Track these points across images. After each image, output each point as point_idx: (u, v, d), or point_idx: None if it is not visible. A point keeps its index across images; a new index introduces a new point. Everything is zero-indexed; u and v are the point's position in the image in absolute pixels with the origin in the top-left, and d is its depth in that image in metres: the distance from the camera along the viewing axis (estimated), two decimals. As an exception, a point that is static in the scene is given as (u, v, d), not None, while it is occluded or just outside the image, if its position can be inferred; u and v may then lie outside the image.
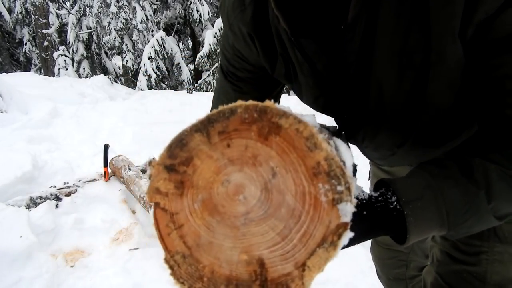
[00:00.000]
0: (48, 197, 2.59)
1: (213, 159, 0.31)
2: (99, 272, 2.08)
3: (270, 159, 0.30)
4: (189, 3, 11.34)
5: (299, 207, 0.29)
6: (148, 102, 6.14)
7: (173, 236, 0.31)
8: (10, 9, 13.80)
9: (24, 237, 2.05)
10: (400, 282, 1.27)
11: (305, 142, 0.29)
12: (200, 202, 0.31)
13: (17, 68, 15.17)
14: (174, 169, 0.31)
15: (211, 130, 0.30)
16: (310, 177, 0.29)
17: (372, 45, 0.57)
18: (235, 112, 0.30)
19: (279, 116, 0.29)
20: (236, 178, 0.30)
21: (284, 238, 0.30)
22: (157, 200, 0.32)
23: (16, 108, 4.98)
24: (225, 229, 0.30)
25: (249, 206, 0.30)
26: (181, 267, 0.32)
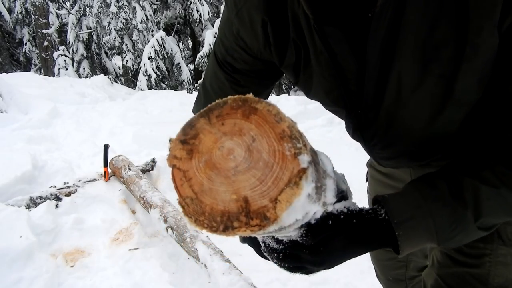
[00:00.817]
0: (48, 197, 2.59)
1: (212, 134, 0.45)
2: (99, 272, 2.08)
3: (251, 130, 0.44)
4: (189, 3, 11.35)
5: (271, 160, 0.42)
6: (148, 102, 6.14)
7: (185, 186, 0.44)
8: (10, 9, 13.80)
9: (24, 237, 2.05)
10: (400, 282, 1.27)
11: (274, 117, 0.43)
12: (203, 162, 0.44)
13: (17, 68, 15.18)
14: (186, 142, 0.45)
15: (211, 115, 0.45)
16: (278, 139, 0.42)
17: (396, 36, 0.55)
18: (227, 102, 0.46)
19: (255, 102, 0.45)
20: (228, 144, 0.44)
21: (261, 182, 0.42)
22: (174, 163, 0.45)
23: (16, 108, 4.98)
24: (220, 179, 0.43)
25: (237, 162, 0.43)
26: (190, 207, 0.44)
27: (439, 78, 0.55)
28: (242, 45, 0.75)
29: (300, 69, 0.71)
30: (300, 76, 0.72)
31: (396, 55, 0.56)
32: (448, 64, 0.53)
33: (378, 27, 0.54)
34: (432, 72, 0.55)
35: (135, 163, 3.06)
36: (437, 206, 0.56)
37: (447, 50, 0.52)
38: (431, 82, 0.56)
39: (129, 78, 12.40)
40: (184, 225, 2.16)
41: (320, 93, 0.73)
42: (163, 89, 10.15)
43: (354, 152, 3.45)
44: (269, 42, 0.70)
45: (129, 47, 11.54)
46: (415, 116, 0.63)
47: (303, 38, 0.65)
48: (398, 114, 0.64)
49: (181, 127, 0.47)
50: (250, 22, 0.69)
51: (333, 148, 3.72)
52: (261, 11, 0.67)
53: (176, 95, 6.90)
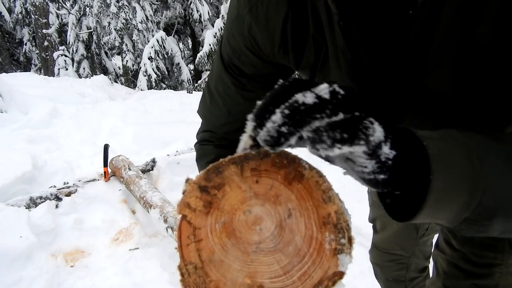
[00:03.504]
0: (48, 197, 2.59)
1: (241, 190, 0.36)
2: (99, 272, 2.08)
3: (289, 201, 0.35)
4: (189, 3, 11.34)
5: (305, 248, 0.34)
6: (148, 102, 6.14)
7: (191, 247, 0.36)
8: (10, 9, 13.80)
9: (24, 237, 2.05)
10: (400, 283, 1.27)
11: (321, 194, 0.35)
12: (221, 224, 0.36)
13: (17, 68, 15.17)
14: (207, 190, 0.36)
15: (245, 165, 0.36)
16: (319, 225, 0.34)
17: (432, 37, 0.48)
18: (269, 156, 0.36)
19: (305, 167, 0.36)
20: (257, 210, 0.35)
21: (286, 272, 0.34)
22: (185, 213, 0.37)
23: (16, 108, 4.98)
24: (237, 252, 0.35)
25: (263, 237, 0.35)
26: (191, 277, 0.35)
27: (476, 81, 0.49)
28: (252, 47, 0.68)
29: (316, 69, 0.64)
30: (316, 75, 0.66)
31: (430, 56, 0.50)
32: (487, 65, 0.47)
33: (413, 26, 0.48)
34: (469, 74, 0.49)
35: (135, 163, 3.06)
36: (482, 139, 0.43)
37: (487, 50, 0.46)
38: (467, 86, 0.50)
39: (129, 78, 12.40)
40: (184, 225, 2.16)
41: None
42: (163, 89, 10.14)
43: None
44: (286, 41, 0.63)
45: (129, 47, 11.54)
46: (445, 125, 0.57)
47: (323, 34, 0.58)
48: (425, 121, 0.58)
49: (205, 169, 0.37)
50: (266, 20, 0.62)
51: (333, 148, 3.71)
52: (285, 4, 0.59)
53: (176, 95, 6.90)
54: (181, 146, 3.54)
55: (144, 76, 10.28)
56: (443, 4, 0.45)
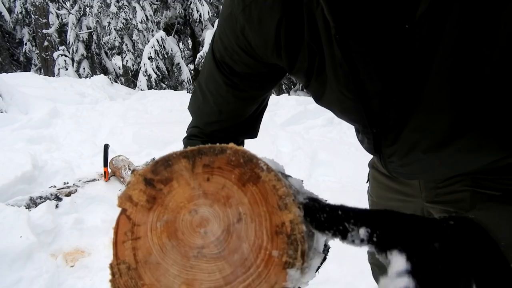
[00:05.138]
0: (48, 197, 2.59)
1: (190, 187, 0.33)
2: (99, 272, 2.08)
3: (241, 204, 0.32)
4: (189, 3, 11.35)
5: (251, 258, 0.30)
6: (148, 102, 6.14)
7: (127, 245, 0.32)
8: (10, 9, 13.80)
9: (24, 237, 2.05)
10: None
11: (277, 200, 0.31)
12: (163, 222, 0.32)
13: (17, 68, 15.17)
14: (152, 184, 0.33)
15: (197, 161, 0.33)
16: (271, 234, 0.30)
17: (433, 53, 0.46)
18: (225, 152, 0.32)
19: (262, 169, 0.32)
20: (204, 211, 0.32)
21: (227, 283, 0.30)
22: (126, 206, 0.34)
23: (16, 108, 4.98)
24: (176, 256, 0.32)
25: (207, 241, 0.31)
26: (122, 278, 0.32)
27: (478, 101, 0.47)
28: (244, 46, 0.66)
29: (312, 75, 0.63)
30: (312, 81, 0.64)
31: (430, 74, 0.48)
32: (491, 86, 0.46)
33: (413, 41, 0.46)
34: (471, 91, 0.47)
35: (135, 163, 3.06)
36: None
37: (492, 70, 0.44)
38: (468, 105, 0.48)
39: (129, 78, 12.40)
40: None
41: (333, 105, 0.66)
42: (163, 89, 10.14)
43: (354, 152, 3.45)
44: (280, 45, 0.61)
45: (129, 47, 11.54)
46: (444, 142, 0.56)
47: (319, 42, 0.57)
48: (423, 138, 0.57)
49: (154, 161, 0.34)
50: (259, 21, 0.60)
51: (333, 148, 3.72)
52: (278, 10, 0.57)
53: (176, 95, 6.90)
54: (181, 146, 3.53)
55: (144, 76, 10.28)
56: (445, 20, 0.44)
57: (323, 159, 3.42)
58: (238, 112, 0.79)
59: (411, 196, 0.87)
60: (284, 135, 4.09)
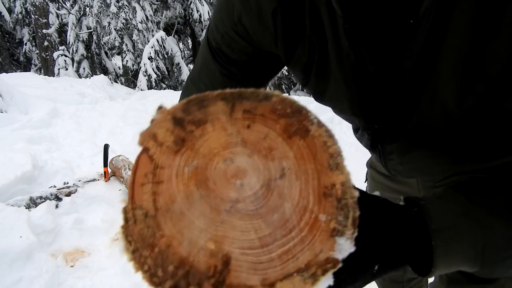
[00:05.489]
0: (48, 197, 2.59)
1: (227, 133, 0.28)
2: (99, 272, 2.08)
3: (285, 159, 0.27)
4: (189, 3, 11.35)
5: (294, 220, 0.26)
6: (148, 102, 6.14)
7: (146, 189, 0.28)
8: (10, 9, 13.80)
9: (24, 237, 2.05)
10: (397, 284, 1.26)
11: (328, 158, 0.27)
12: (192, 168, 0.28)
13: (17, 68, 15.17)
14: (182, 124, 0.28)
15: (237, 104, 0.28)
16: (319, 195, 0.26)
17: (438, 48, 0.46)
18: (270, 99, 0.28)
19: (312, 122, 0.28)
20: (241, 161, 0.27)
21: (264, 245, 0.26)
22: (148, 145, 0.29)
23: (16, 108, 4.98)
24: (205, 208, 0.27)
25: (242, 195, 0.27)
26: (137, 225, 0.27)
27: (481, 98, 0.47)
28: (242, 33, 0.64)
29: (311, 70, 0.61)
30: (311, 77, 0.62)
31: (434, 70, 0.48)
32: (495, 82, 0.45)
33: (417, 36, 0.46)
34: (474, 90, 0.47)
35: (135, 163, 3.06)
36: (488, 216, 0.44)
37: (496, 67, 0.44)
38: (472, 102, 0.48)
39: (129, 78, 12.40)
40: (184, 225, 2.16)
41: (336, 100, 0.63)
42: (163, 89, 10.15)
43: (354, 152, 3.44)
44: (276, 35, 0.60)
45: (129, 47, 11.54)
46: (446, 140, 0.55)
47: (322, 35, 0.55)
48: (425, 135, 0.57)
49: (186, 99, 0.29)
50: (256, 9, 0.58)
51: (333, 148, 3.71)
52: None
53: (176, 95, 6.90)
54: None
55: (144, 76, 10.28)
56: (450, 15, 0.43)
57: (323, 159, 3.41)
58: None
59: None
60: (284, 135, 4.08)
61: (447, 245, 0.42)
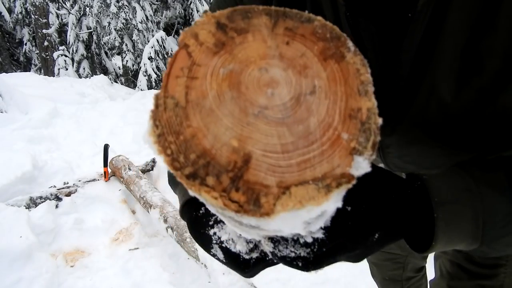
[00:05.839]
0: (48, 197, 2.59)
1: (266, 45, 0.29)
2: (99, 272, 2.09)
3: (318, 78, 0.29)
4: (189, 3, 11.35)
5: (317, 134, 0.27)
6: (148, 102, 6.13)
7: (180, 81, 0.29)
8: (10, 9, 13.80)
9: (24, 237, 2.05)
10: (396, 283, 1.26)
11: (358, 84, 0.29)
12: (227, 70, 0.29)
13: (17, 68, 15.17)
14: (224, 30, 0.30)
15: (280, 21, 0.30)
16: (344, 116, 0.28)
17: (435, 42, 0.47)
18: (312, 22, 0.30)
19: (349, 49, 0.29)
20: (276, 72, 0.29)
21: (285, 151, 0.27)
22: (189, 43, 0.30)
23: (16, 108, 4.98)
24: (234, 108, 0.28)
25: (271, 103, 0.28)
26: (166, 112, 0.28)
27: (478, 92, 0.48)
28: None
29: None
30: None
31: (431, 64, 0.49)
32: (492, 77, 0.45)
33: (415, 30, 0.47)
34: (471, 85, 0.47)
35: (135, 163, 3.06)
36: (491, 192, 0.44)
37: (493, 62, 0.44)
38: (468, 97, 0.48)
39: (129, 78, 12.40)
40: (184, 225, 2.16)
41: None
42: (163, 89, 10.13)
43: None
44: None
45: (129, 47, 11.54)
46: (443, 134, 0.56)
47: None
48: (423, 128, 0.57)
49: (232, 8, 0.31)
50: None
51: (333, 148, 3.71)
52: None
53: (176, 95, 6.89)
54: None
55: (144, 76, 10.28)
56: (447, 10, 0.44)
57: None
58: None
59: None
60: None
61: (449, 218, 0.43)
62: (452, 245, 0.46)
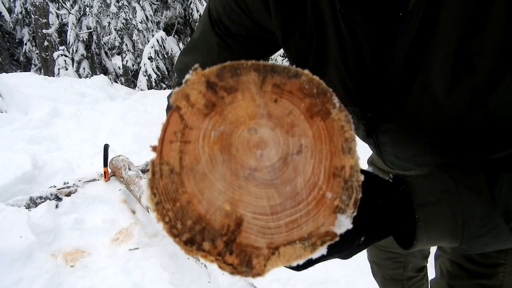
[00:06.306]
0: (48, 197, 2.59)
1: (255, 104, 0.30)
2: (99, 272, 2.08)
3: (305, 136, 0.30)
4: (189, 3, 11.35)
5: (304, 194, 0.29)
6: (148, 102, 6.14)
7: (174, 146, 0.30)
8: (10, 9, 13.80)
9: (24, 237, 2.05)
10: (397, 282, 1.26)
11: (343, 141, 0.30)
12: (218, 133, 0.30)
13: (17, 68, 15.17)
14: (214, 89, 0.30)
15: (269, 77, 0.30)
16: (329, 174, 0.29)
17: (427, 41, 0.48)
18: (299, 77, 0.30)
19: (335, 106, 0.30)
20: (264, 132, 0.30)
21: (273, 213, 0.29)
22: (181, 105, 0.30)
23: (16, 108, 4.98)
24: (226, 171, 0.30)
25: (261, 164, 0.29)
26: (163, 179, 0.29)
27: (470, 92, 0.48)
28: (242, 6, 0.65)
29: (309, 56, 0.62)
30: (308, 64, 0.63)
31: (423, 62, 0.50)
32: (483, 77, 0.46)
33: (407, 29, 0.47)
34: (463, 84, 0.48)
35: (135, 163, 3.06)
36: (469, 194, 0.47)
37: (485, 61, 0.45)
38: (461, 96, 0.49)
39: (129, 78, 12.40)
40: (184, 225, 2.16)
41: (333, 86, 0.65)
42: (163, 89, 10.15)
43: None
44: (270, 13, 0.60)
45: (129, 47, 11.54)
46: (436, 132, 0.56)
47: (321, 20, 0.57)
48: (417, 127, 0.58)
49: (221, 64, 0.31)
50: None
51: (333, 148, 3.71)
52: None
53: (176, 95, 6.89)
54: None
55: (144, 76, 10.27)
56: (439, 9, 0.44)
57: (323, 159, 3.41)
58: None
59: None
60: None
61: (429, 219, 0.46)
62: (434, 243, 0.48)
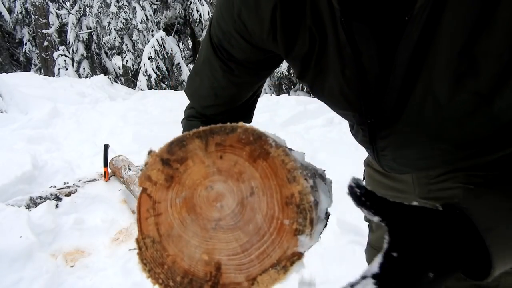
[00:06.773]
0: (48, 197, 2.59)
1: (205, 165, 0.35)
2: (99, 272, 2.08)
3: (253, 179, 0.34)
4: (189, 3, 11.35)
5: (265, 227, 0.33)
6: (148, 102, 6.14)
7: (150, 221, 0.36)
8: (10, 9, 13.80)
9: (24, 237, 2.05)
10: None
11: (286, 173, 0.33)
12: (182, 199, 0.35)
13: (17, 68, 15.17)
14: (169, 164, 0.36)
15: (210, 140, 0.35)
16: (282, 204, 0.33)
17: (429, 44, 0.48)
18: (235, 131, 0.35)
19: (271, 145, 0.34)
20: (219, 187, 0.35)
21: (244, 251, 0.33)
22: (146, 186, 0.36)
23: (16, 108, 4.98)
24: (196, 228, 0.35)
25: (223, 214, 0.34)
26: (148, 250, 0.35)
27: (473, 95, 0.48)
28: (241, 30, 0.66)
29: (311, 62, 0.63)
30: (310, 69, 0.64)
31: (426, 66, 0.49)
32: (487, 80, 0.46)
33: (411, 33, 0.47)
34: (466, 87, 0.48)
35: (135, 163, 3.06)
36: None
37: (489, 65, 0.45)
38: (463, 99, 0.49)
39: (129, 78, 12.40)
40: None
41: (333, 92, 0.64)
42: (163, 89, 10.15)
43: (354, 152, 3.44)
44: (276, 28, 0.61)
45: (129, 47, 11.54)
46: (438, 135, 0.56)
47: (321, 27, 0.57)
48: (417, 131, 0.57)
49: (169, 141, 0.36)
50: (255, 4, 0.61)
51: (332, 148, 3.71)
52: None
53: (176, 95, 6.90)
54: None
55: (144, 76, 10.28)
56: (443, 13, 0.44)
57: (323, 159, 3.42)
58: (234, 97, 0.81)
59: (405, 193, 0.88)
60: (284, 135, 4.07)
61: (501, 242, 0.42)
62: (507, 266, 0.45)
